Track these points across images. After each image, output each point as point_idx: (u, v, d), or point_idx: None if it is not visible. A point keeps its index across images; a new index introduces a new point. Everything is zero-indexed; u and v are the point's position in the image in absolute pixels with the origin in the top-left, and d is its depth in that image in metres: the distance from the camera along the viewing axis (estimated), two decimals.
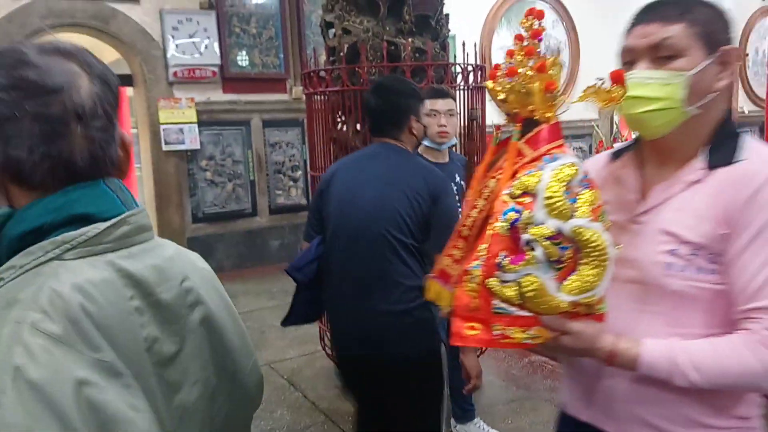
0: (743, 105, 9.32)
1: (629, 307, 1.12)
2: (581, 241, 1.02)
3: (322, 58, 3.74)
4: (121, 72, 6.48)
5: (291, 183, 7.06)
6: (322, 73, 3.56)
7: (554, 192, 1.02)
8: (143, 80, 6.17)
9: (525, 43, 1.12)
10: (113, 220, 0.79)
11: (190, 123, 6.28)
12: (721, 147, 1.16)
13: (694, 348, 1.09)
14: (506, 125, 1.18)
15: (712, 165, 1.15)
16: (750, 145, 1.16)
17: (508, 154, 1.12)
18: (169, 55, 6.17)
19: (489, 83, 1.16)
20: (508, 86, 1.11)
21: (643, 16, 1.17)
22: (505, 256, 1.04)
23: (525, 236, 1.03)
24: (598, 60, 4.14)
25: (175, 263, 0.87)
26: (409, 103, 2.23)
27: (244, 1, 6.52)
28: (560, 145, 1.11)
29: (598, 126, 6.29)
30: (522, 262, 1.03)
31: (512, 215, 1.04)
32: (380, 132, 2.26)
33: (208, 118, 6.41)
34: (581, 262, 1.04)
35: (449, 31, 3.65)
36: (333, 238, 2.18)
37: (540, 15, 1.12)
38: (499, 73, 1.14)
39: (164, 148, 6.22)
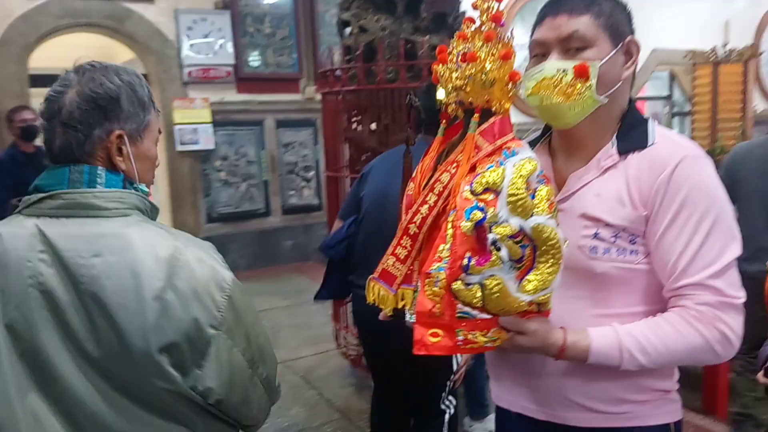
0: (757, 103, 9.23)
1: (555, 293, 1.12)
2: (541, 239, 1.01)
3: (338, 57, 3.74)
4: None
5: (303, 183, 7.07)
6: (338, 72, 3.57)
7: (517, 189, 1.00)
8: (158, 80, 6.19)
9: (483, 28, 1.07)
10: (46, 194, 1.06)
11: (205, 123, 6.31)
12: (630, 133, 1.21)
13: (637, 331, 1.14)
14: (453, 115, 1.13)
15: (624, 150, 1.20)
16: (658, 130, 1.22)
17: (465, 146, 1.07)
18: (183, 55, 6.19)
19: (439, 67, 1.11)
20: (468, 73, 1.05)
21: (551, 9, 1.20)
22: (471, 258, 0.99)
23: (491, 236, 0.99)
24: None
25: (98, 241, 1.03)
26: None
27: (258, 0, 6.54)
28: (514, 138, 1.08)
29: None
30: (488, 263, 0.99)
31: (477, 214, 0.99)
32: (424, 130, 2.33)
33: (222, 119, 6.43)
34: (540, 260, 1.02)
35: None
36: (362, 223, 2.34)
37: None
38: (451, 57, 1.09)
39: (179, 148, 6.24)
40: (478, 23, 1.08)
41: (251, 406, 1.17)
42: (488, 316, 1.03)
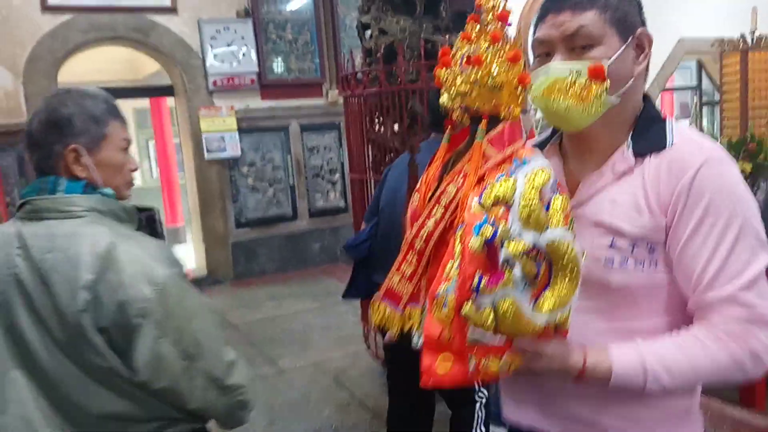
0: None
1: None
2: (557, 254, 0.92)
3: (359, 60, 3.76)
4: (163, 83, 6.62)
5: (329, 186, 7.12)
6: (359, 75, 3.59)
7: (530, 201, 0.91)
8: (184, 90, 6.29)
9: (489, 28, 0.99)
10: (24, 201, 1.31)
11: (231, 131, 6.39)
12: (647, 133, 1.13)
13: (662, 350, 1.06)
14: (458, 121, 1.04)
15: (640, 152, 1.11)
16: (677, 129, 1.12)
17: (472, 156, 0.98)
18: (208, 65, 6.28)
19: (441, 71, 1.02)
20: (473, 78, 0.97)
21: (553, 5, 1.11)
22: (481, 277, 0.90)
23: (503, 253, 0.90)
24: None
25: (54, 239, 1.25)
26: None
27: (279, 7, 6.60)
28: (524, 145, 1.00)
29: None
30: (500, 283, 0.90)
31: (487, 229, 0.90)
32: (438, 129, 2.34)
33: (247, 125, 6.51)
34: (556, 277, 0.94)
35: None
36: (379, 223, 2.41)
37: None
38: (455, 60, 1.00)
39: (206, 156, 6.33)
40: (486, 23, 1.01)
41: (184, 396, 1.29)
42: (502, 340, 0.96)
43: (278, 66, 6.65)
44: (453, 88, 1.01)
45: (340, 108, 5.84)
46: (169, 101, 6.88)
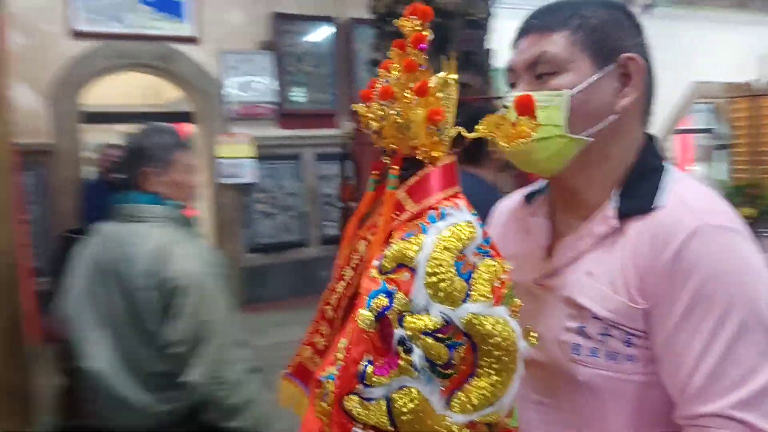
0: None
1: (522, 396, 0.79)
2: (478, 335, 0.71)
3: None
4: (183, 109, 6.79)
5: (341, 214, 7.20)
6: None
7: (440, 264, 0.71)
8: (203, 117, 6.45)
9: (407, 54, 0.82)
10: (113, 207, 1.79)
11: (248, 158, 6.52)
12: (636, 188, 0.90)
13: None
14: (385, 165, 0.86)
15: (624, 213, 0.88)
16: (675, 184, 0.89)
17: (383, 207, 0.81)
18: (227, 93, 6.45)
19: (360, 107, 0.84)
20: (381, 113, 0.80)
21: (524, 28, 0.95)
22: (370, 363, 0.71)
23: (398, 332, 0.71)
24: None
25: (131, 235, 1.70)
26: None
27: (299, 40, 6.78)
28: (453, 195, 0.80)
29: None
30: (394, 371, 0.71)
31: (381, 301, 0.71)
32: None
33: (263, 153, 6.63)
34: (480, 364, 0.73)
35: (490, 65, 3.75)
36: None
37: (425, 14, 0.81)
38: (374, 94, 0.83)
39: (222, 181, 6.46)
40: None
41: (187, 367, 1.64)
42: None
43: (296, 96, 6.80)
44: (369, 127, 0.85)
45: (353, 138, 5.96)
46: (189, 127, 7.03)
